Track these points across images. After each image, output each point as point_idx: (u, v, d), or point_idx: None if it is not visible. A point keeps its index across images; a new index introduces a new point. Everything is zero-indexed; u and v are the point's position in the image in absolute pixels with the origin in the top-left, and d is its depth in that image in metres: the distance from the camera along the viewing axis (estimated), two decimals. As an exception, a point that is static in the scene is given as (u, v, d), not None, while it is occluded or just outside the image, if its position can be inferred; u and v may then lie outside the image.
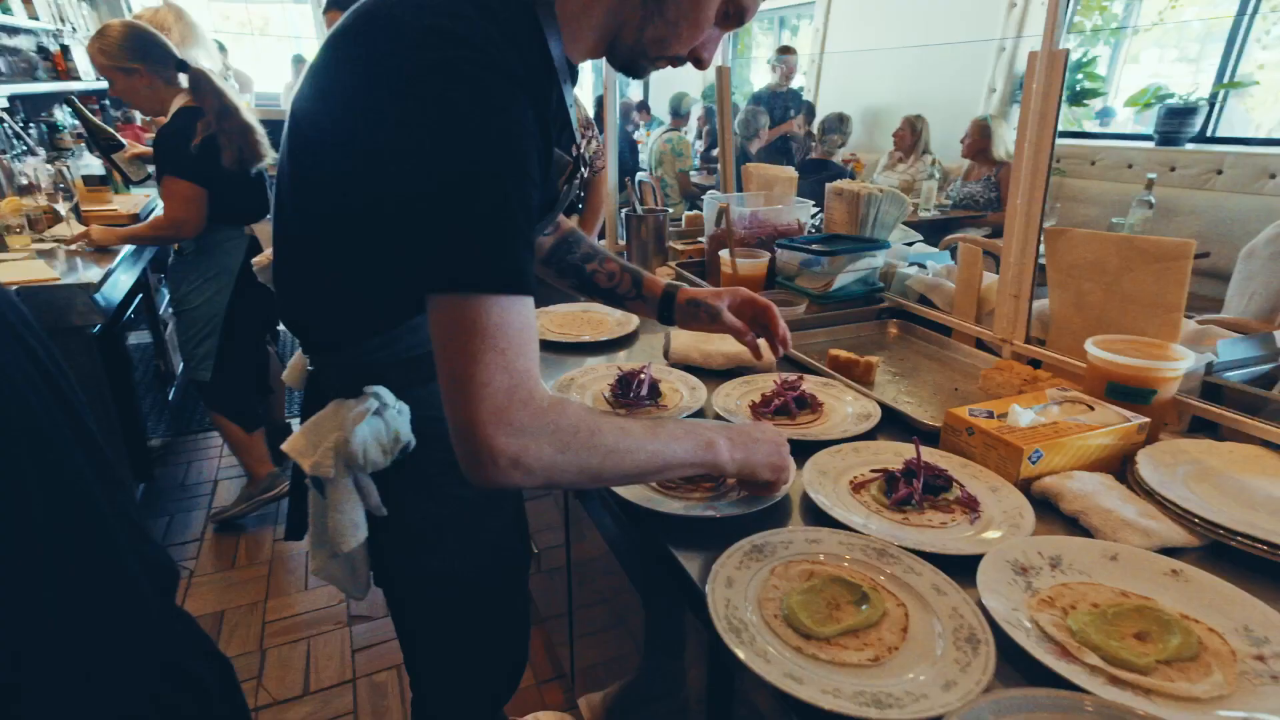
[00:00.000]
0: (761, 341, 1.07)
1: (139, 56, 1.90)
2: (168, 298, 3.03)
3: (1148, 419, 0.93)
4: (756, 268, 1.58)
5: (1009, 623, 0.63)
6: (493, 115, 0.59)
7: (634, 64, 0.76)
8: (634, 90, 7.09)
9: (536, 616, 1.95)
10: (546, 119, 0.67)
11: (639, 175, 2.36)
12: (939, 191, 3.74)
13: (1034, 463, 0.87)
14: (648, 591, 1.05)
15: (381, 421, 0.76)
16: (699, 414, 1.11)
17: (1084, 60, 4.28)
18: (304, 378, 0.90)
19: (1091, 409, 0.96)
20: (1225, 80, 3.68)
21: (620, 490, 0.87)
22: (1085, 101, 4.39)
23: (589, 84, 7.27)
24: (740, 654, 0.61)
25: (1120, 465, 0.93)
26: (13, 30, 3.43)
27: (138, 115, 4.45)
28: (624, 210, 1.98)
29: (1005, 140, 3.56)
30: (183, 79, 1.96)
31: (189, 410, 3.14)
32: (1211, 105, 3.67)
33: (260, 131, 2.01)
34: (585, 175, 0.86)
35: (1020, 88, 4.13)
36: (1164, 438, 0.98)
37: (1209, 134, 3.70)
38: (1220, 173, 3.39)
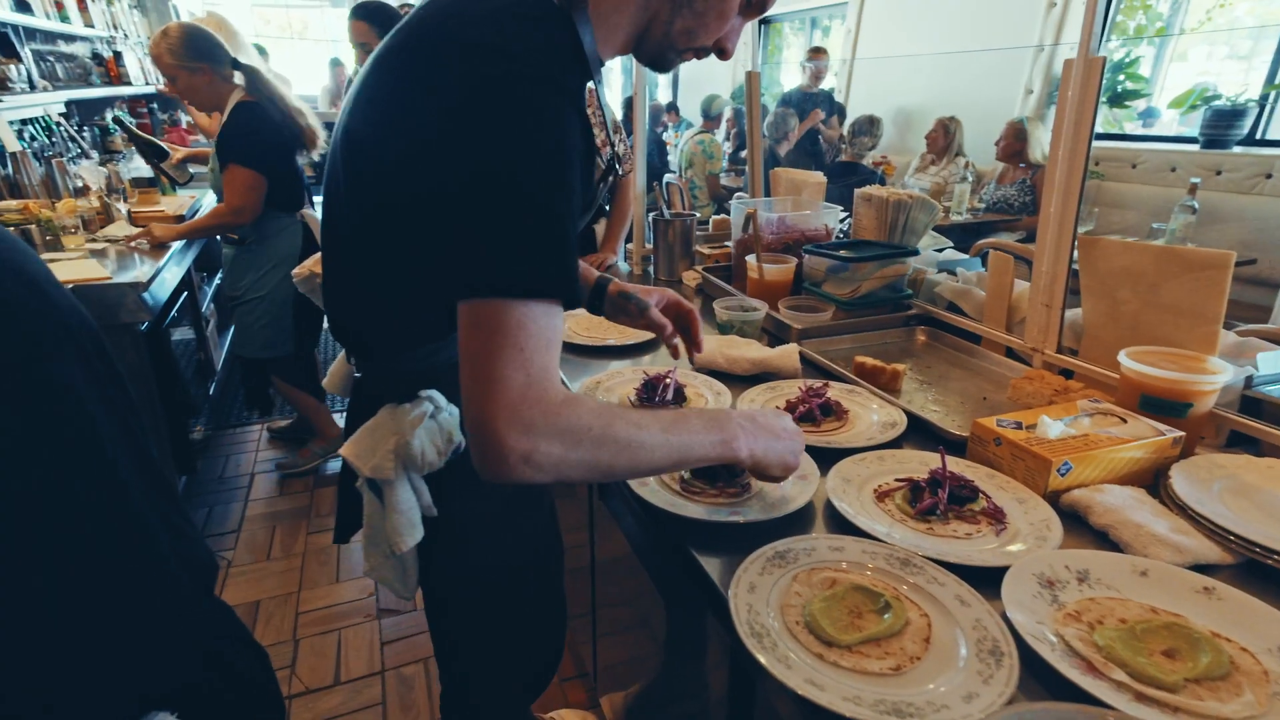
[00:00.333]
0: (679, 340, 1.13)
1: (203, 56, 2.07)
2: (210, 294, 3.14)
3: (1182, 433, 0.91)
4: (783, 273, 1.58)
5: (1033, 636, 0.63)
6: (541, 129, 0.61)
7: (662, 57, 0.77)
8: (662, 92, 7.10)
9: (560, 615, 1.98)
10: (588, 125, 0.68)
11: (666, 178, 2.37)
12: (972, 194, 3.68)
13: (1063, 475, 0.87)
14: (670, 594, 1.07)
15: (436, 424, 0.79)
16: (724, 419, 1.12)
17: (1126, 61, 4.17)
18: (348, 384, 0.93)
19: (1124, 421, 0.94)
20: (1278, 81, 3.55)
21: (643, 493, 0.89)
22: (1127, 103, 4.27)
23: (617, 86, 7.30)
24: (762, 659, 0.62)
25: (1153, 479, 0.91)
26: (70, 38, 3.58)
27: (183, 118, 4.61)
28: (652, 214, 1.99)
29: (1041, 142, 3.48)
30: (238, 76, 2.12)
31: (229, 404, 3.25)
32: (1261, 107, 3.54)
33: (311, 118, 2.22)
34: (618, 173, 0.87)
35: (1058, 88, 4.05)
36: (1200, 452, 0.96)
37: (1258, 136, 3.57)
38: (1269, 177, 3.28)
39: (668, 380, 1.16)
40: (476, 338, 0.61)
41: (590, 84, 0.72)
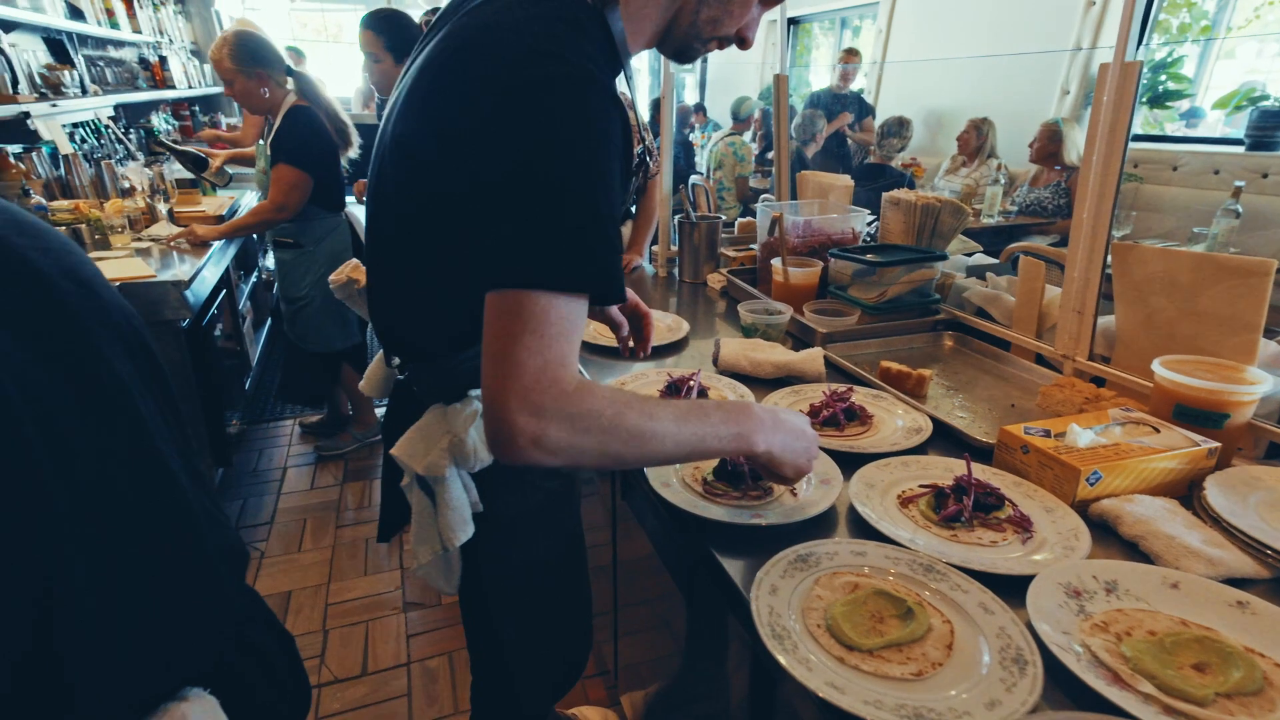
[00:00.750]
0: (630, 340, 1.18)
1: (260, 62, 2.19)
2: (247, 292, 3.23)
3: (1218, 444, 0.89)
4: (808, 276, 1.58)
5: (1058, 645, 0.62)
6: (585, 127, 0.62)
7: (688, 48, 0.79)
8: (689, 93, 7.10)
9: (582, 613, 2.00)
10: (629, 124, 0.70)
11: (692, 179, 2.38)
12: (1004, 197, 3.61)
13: (1092, 484, 0.85)
14: (691, 594, 1.08)
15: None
16: (747, 422, 1.12)
17: (1168, 60, 4.05)
18: (386, 386, 0.95)
19: (1157, 431, 0.92)
20: (1328, 80, 3.42)
21: (665, 494, 0.90)
22: (1168, 104, 4.15)
23: (645, 87, 7.32)
24: (783, 660, 0.63)
25: (1186, 491, 0.90)
26: (119, 44, 3.72)
27: (224, 120, 4.74)
28: (677, 216, 2.00)
29: (1077, 144, 3.40)
30: (289, 82, 2.26)
31: (263, 399, 3.34)
32: (1312, 107, 3.42)
33: (351, 126, 2.38)
34: (649, 166, 0.89)
35: (1094, 93, 3.95)
36: (1236, 463, 0.94)
37: (1308, 137, 3.44)
38: (1319, 180, 3.16)
39: (691, 383, 1.17)
40: (499, 323, 0.62)
41: (621, 80, 0.75)
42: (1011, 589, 0.71)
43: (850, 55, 4.75)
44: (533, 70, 0.62)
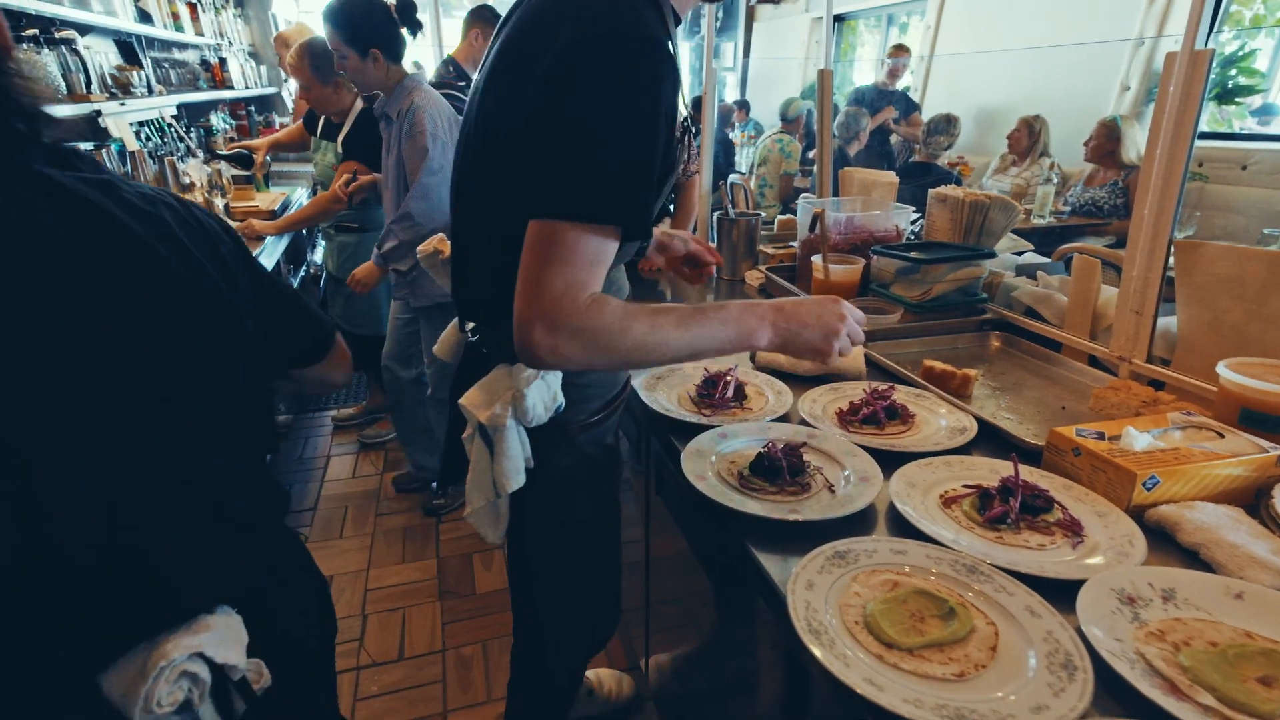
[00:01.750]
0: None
1: (337, 73, 2.29)
2: (296, 284, 3.34)
3: (1289, 451, 0.85)
4: (849, 274, 1.55)
5: (1111, 653, 0.60)
6: (638, 79, 0.69)
7: None
8: (729, 91, 7.06)
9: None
10: (679, 82, 0.75)
11: (731, 178, 2.37)
12: (1056, 197, 3.48)
13: (1149, 489, 0.82)
14: (724, 589, 1.07)
15: (545, 383, 0.89)
16: (784, 419, 1.11)
17: (1239, 54, 3.85)
18: (459, 350, 1.03)
19: (1221, 436, 0.88)
20: None
21: (701, 487, 0.89)
22: (1238, 100, 3.94)
23: (686, 85, 7.27)
24: (820, 655, 0.62)
25: (1253, 499, 0.85)
26: (182, 46, 3.89)
27: (277, 119, 4.92)
28: (716, 213, 1.99)
29: (1137, 142, 3.26)
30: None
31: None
32: (1396, 102, 3.20)
33: None
34: (693, 134, 0.93)
35: (1159, 85, 3.77)
36: (1309, 473, 0.89)
37: (1392, 135, 3.23)
38: (1404, 179, 2.96)
39: (728, 377, 1.17)
40: (535, 249, 0.70)
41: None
42: (1060, 594, 0.68)
43: (899, 50, 4.65)
44: (603, 25, 0.69)
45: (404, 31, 1.95)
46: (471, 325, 0.99)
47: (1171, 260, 1.11)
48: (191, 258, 0.64)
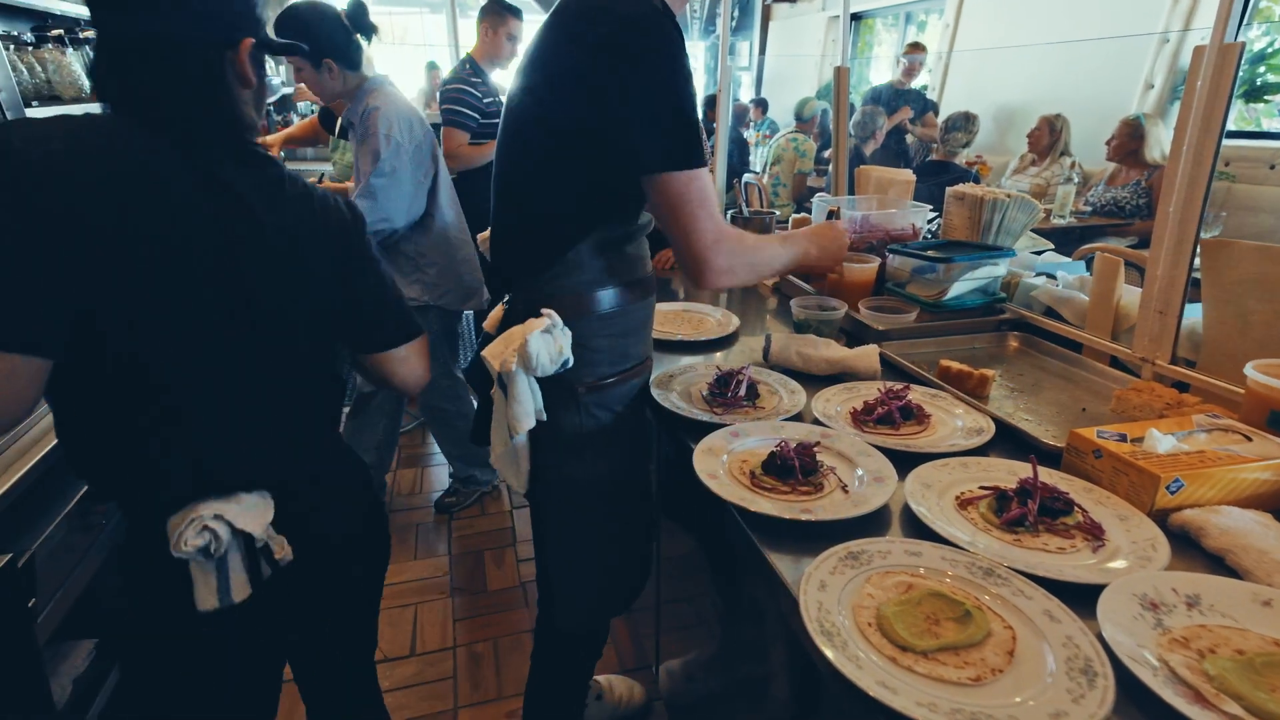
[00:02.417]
0: None
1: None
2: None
3: (1320, 455, 0.82)
4: (864, 273, 1.53)
5: (1133, 659, 0.58)
6: (675, 47, 0.88)
7: None
8: (744, 91, 7.03)
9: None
10: None
11: (745, 177, 2.36)
12: (1077, 197, 3.42)
13: (1173, 493, 0.80)
14: (736, 591, 1.06)
15: (551, 337, 0.98)
16: (797, 418, 1.10)
17: (1269, 51, 3.76)
18: (501, 323, 1.11)
19: (1249, 440, 0.86)
20: None
21: (712, 485, 0.88)
22: (1267, 97, 3.85)
23: (700, 85, 7.27)
24: (832, 656, 0.61)
25: (1282, 505, 0.83)
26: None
27: (294, 117, 4.97)
28: (730, 212, 1.98)
29: (1161, 141, 3.20)
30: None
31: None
32: None
33: (429, 130, 2.46)
34: (704, 145, 1.05)
35: (1184, 83, 3.69)
36: (1341, 478, 0.86)
37: None
38: None
39: (741, 377, 1.16)
40: (673, 203, 0.92)
41: None
42: (1080, 598, 0.67)
43: (915, 49, 4.60)
44: (624, 8, 0.86)
45: (359, 37, 1.89)
46: (508, 297, 1.11)
47: (1197, 260, 1.08)
48: (297, 240, 0.82)
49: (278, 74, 4.97)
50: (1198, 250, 1.07)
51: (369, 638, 1.12)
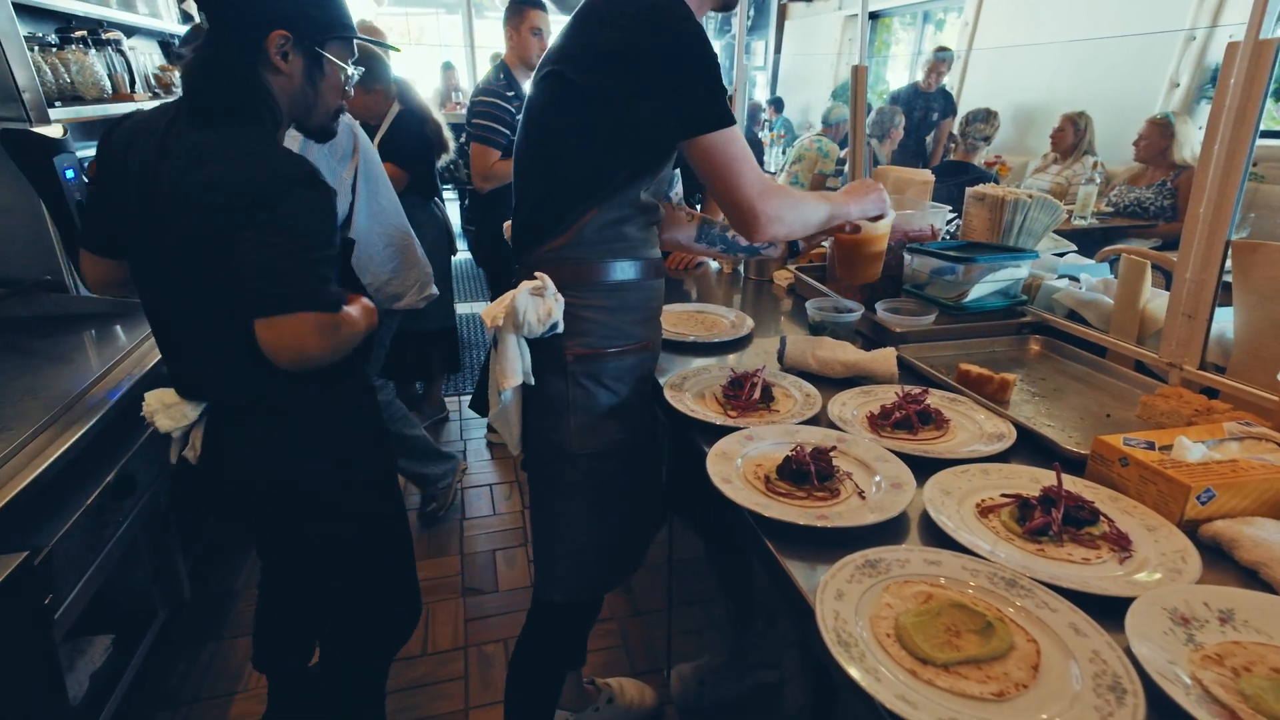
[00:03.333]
0: None
1: (379, 79, 2.35)
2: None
3: (1359, 466, 0.79)
4: (875, 230, 1.29)
5: (1163, 675, 0.56)
6: (702, 30, 0.96)
7: None
8: (759, 91, 6.99)
9: (634, 609, 1.99)
10: None
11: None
12: (1098, 198, 3.36)
13: (1203, 503, 0.77)
14: (749, 596, 1.04)
15: (541, 300, 1.03)
16: (813, 422, 1.08)
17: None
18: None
19: (1283, 449, 0.83)
20: None
21: (726, 490, 0.87)
22: (1296, 96, 3.76)
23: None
24: (850, 669, 0.59)
25: (1318, 516, 0.80)
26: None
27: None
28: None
29: (1191, 141, 3.13)
30: (394, 89, 2.45)
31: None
32: None
33: (445, 129, 2.54)
34: None
35: (1211, 82, 3.61)
36: (1380, 490, 0.83)
37: None
38: None
39: (755, 379, 1.14)
40: (716, 163, 0.97)
41: None
42: (1106, 611, 0.64)
43: (940, 51, 4.54)
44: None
45: None
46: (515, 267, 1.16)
47: (1228, 263, 1.05)
48: (189, 194, 0.96)
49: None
50: (1228, 252, 1.04)
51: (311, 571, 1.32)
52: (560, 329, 1.06)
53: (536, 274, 1.04)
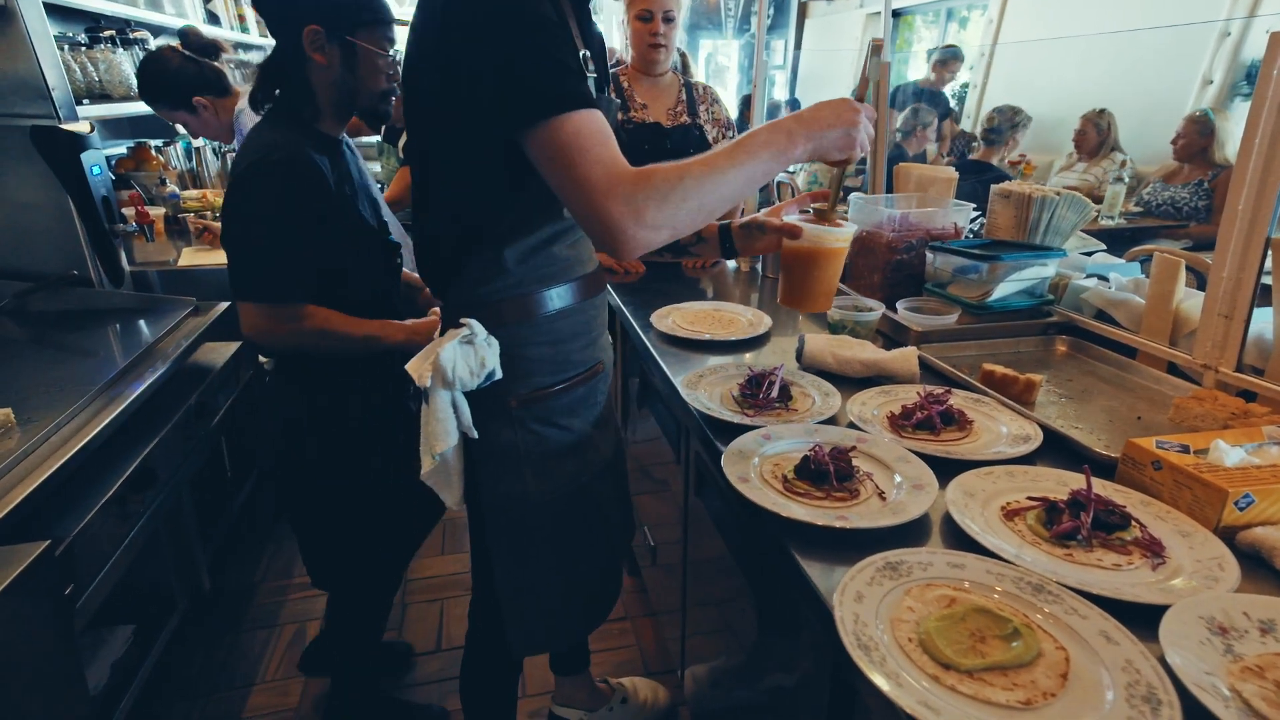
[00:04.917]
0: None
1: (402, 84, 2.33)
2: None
3: None
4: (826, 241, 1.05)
5: (1200, 687, 0.54)
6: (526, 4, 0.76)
7: None
8: (778, 90, 6.95)
9: (648, 608, 1.97)
10: (564, 16, 0.85)
11: (778, 175, 2.32)
12: (1128, 197, 3.27)
13: (1241, 509, 0.74)
14: (766, 598, 1.03)
15: (472, 349, 0.91)
16: (831, 422, 1.06)
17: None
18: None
19: (1326, 454, 0.79)
20: None
21: (743, 489, 0.85)
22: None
23: (733, 85, 7.21)
24: (870, 674, 0.57)
25: (1364, 525, 0.76)
26: (247, 47, 4.04)
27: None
28: (763, 210, 1.94)
29: (1234, 138, 3.03)
30: None
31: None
32: None
33: None
34: (605, 93, 0.97)
35: (1247, 79, 3.51)
36: None
37: None
38: None
39: (773, 378, 1.12)
40: (553, 159, 0.75)
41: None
42: (1138, 619, 0.62)
43: (948, 51, 4.49)
44: None
45: (208, 62, 1.79)
46: (439, 306, 1.04)
47: (1268, 262, 1.01)
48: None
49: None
50: (1268, 250, 1.00)
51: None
52: (499, 375, 0.94)
53: (463, 320, 0.91)
